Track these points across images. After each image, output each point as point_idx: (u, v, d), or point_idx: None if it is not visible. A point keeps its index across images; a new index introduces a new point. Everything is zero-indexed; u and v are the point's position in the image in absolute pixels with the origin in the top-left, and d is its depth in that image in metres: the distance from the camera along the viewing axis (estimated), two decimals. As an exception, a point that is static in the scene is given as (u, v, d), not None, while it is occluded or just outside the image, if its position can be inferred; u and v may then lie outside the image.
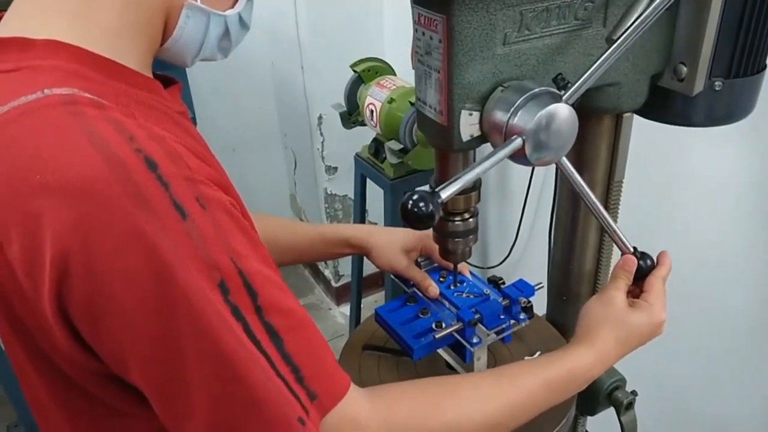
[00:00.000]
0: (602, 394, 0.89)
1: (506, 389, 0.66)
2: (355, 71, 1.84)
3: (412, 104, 1.62)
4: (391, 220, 1.88)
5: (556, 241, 0.94)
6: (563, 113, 0.60)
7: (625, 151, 0.80)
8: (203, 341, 0.48)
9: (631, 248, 0.76)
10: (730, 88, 0.70)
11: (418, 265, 0.92)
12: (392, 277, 0.94)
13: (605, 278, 0.91)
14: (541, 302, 0.92)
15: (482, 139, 0.66)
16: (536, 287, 0.85)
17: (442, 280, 0.91)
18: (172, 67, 0.67)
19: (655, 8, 0.60)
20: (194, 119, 1.84)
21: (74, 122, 0.48)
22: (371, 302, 2.60)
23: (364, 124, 1.86)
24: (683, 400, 1.42)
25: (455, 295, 0.87)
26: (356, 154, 1.96)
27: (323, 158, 2.37)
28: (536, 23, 0.63)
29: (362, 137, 1.97)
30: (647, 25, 0.60)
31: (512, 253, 1.76)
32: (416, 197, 0.56)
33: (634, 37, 0.60)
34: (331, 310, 2.70)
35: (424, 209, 0.55)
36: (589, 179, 0.80)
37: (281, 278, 0.55)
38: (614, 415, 0.90)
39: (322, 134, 2.33)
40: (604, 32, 0.67)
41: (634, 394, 0.89)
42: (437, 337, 0.79)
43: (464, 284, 0.90)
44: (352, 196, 2.18)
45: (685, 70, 0.70)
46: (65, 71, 0.52)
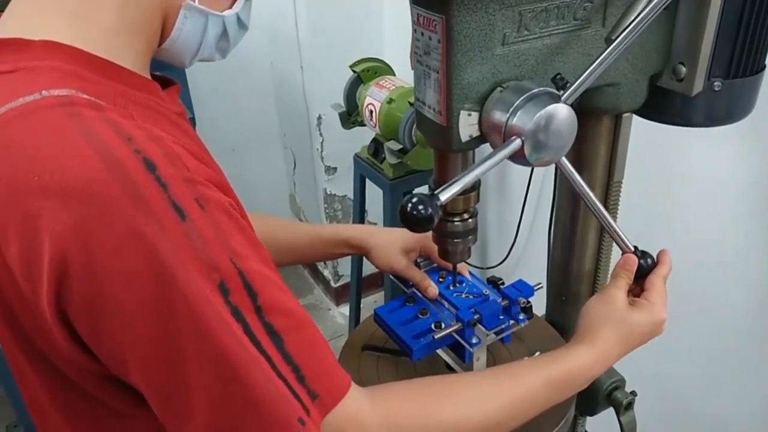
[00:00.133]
0: (602, 394, 0.89)
1: (506, 388, 0.66)
2: (354, 71, 1.83)
3: (411, 104, 1.62)
4: (390, 220, 1.88)
5: (555, 241, 0.93)
6: (562, 113, 0.60)
7: (624, 151, 0.80)
8: (203, 342, 0.48)
9: (631, 247, 0.76)
10: (729, 88, 0.70)
11: (417, 265, 0.92)
12: (391, 277, 0.94)
13: (605, 278, 0.91)
14: (540, 302, 0.92)
15: (481, 139, 0.66)
16: (535, 287, 0.85)
17: (441, 280, 0.91)
18: (170, 67, 0.67)
19: (653, 8, 0.60)
20: (193, 119, 1.84)
21: (72, 123, 0.48)
22: (371, 302, 2.60)
23: (363, 124, 1.86)
24: (683, 400, 1.42)
25: (454, 295, 0.87)
26: (355, 154, 1.96)
27: (323, 158, 2.37)
28: (535, 23, 0.63)
29: (361, 137, 1.97)
30: (646, 24, 0.60)
31: (511, 253, 1.75)
32: (415, 200, 0.56)
33: (632, 37, 0.60)
34: (330, 310, 2.70)
35: (423, 212, 0.55)
36: (588, 179, 0.80)
37: (281, 278, 0.55)
38: (614, 415, 0.90)
39: (321, 134, 2.33)
40: (603, 32, 0.66)
41: (633, 394, 0.89)
42: (436, 337, 0.79)
43: (463, 284, 0.90)
44: (351, 196, 2.18)
45: (684, 70, 0.70)
46: (63, 72, 0.52)
